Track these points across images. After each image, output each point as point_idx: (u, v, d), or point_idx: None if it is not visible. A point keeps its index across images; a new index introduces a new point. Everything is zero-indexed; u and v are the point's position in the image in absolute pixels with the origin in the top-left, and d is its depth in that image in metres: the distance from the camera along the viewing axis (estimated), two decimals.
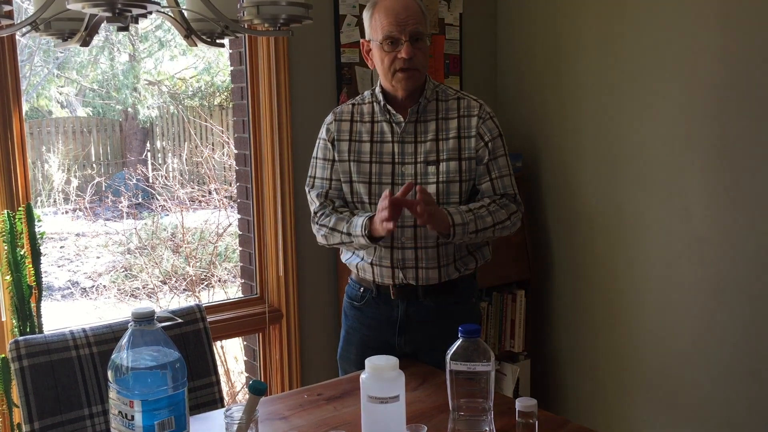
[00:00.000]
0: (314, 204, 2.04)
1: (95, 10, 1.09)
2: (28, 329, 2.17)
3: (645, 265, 2.79)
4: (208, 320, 1.95)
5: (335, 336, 2.44)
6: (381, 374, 1.42)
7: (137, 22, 1.23)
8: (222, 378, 3.43)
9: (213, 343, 1.94)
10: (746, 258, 2.50)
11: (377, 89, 2.01)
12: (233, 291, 4.76)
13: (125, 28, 1.23)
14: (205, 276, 4.72)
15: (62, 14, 1.29)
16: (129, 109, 8.68)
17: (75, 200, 7.15)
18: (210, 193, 5.02)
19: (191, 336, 1.89)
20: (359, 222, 1.89)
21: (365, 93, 2.07)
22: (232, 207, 4.65)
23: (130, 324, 1.29)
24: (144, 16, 1.20)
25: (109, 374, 1.29)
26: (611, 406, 2.99)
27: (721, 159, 2.53)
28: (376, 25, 1.91)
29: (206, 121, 7.28)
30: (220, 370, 2.99)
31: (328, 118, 2.06)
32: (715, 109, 2.52)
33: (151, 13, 1.19)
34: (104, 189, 7.30)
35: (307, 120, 2.72)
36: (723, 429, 2.62)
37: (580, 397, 3.11)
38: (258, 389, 1.27)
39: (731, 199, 2.52)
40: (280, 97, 2.68)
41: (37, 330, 2.20)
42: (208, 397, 1.87)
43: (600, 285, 2.97)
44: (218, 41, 1.43)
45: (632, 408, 2.91)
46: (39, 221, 2.23)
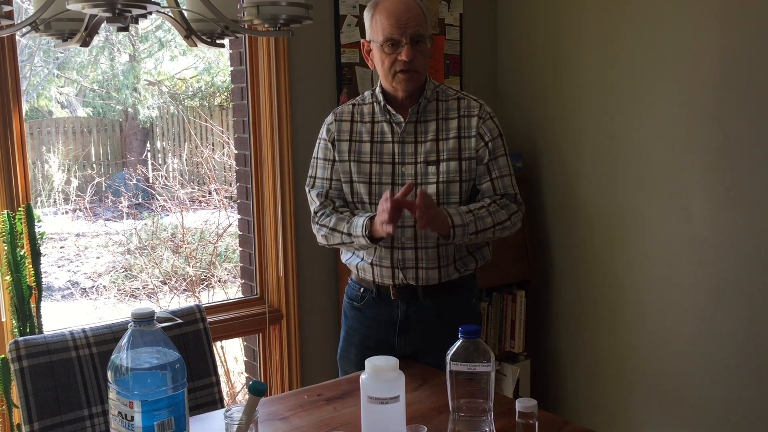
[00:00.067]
0: (314, 204, 2.04)
1: (95, 11, 1.09)
2: (28, 330, 2.17)
3: (645, 265, 2.79)
4: (208, 320, 1.95)
5: (335, 336, 2.44)
6: (381, 375, 1.42)
7: (137, 23, 1.23)
8: (222, 378, 3.43)
9: (213, 344, 1.94)
10: (746, 258, 2.50)
11: (377, 89, 2.01)
12: (233, 291, 4.75)
13: (125, 29, 1.23)
14: (205, 276, 4.72)
15: (62, 14, 1.29)
16: (129, 110, 8.68)
17: (75, 200, 7.15)
18: (210, 194, 5.02)
19: (191, 336, 1.89)
20: (360, 222, 1.89)
21: (365, 93, 2.07)
22: (232, 207, 4.65)
23: (130, 324, 1.29)
24: (144, 17, 1.20)
25: (109, 375, 1.28)
26: (611, 407, 2.99)
27: (721, 159, 2.53)
28: (377, 27, 1.91)
29: (206, 122, 7.28)
30: (220, 371, 2.99)
31: (329, 119, 2.06)
32: (715, 109, 2.52)
33: (151, 14, 1.19)
34: (104, 189, 7.30)
35: (307, 120, 2.72)
36: (723, 429, 2.62)
37: (580, 398, 3.11)
38: (258, 390, 1.27)
39: (731, 199, 2.52)
40: (280, 98, 2.68)
41: (37, 330, 2.20)
42: (208, 398, 1.87)
43: (600, 285, 2.97)
44: (218, 41, 1.43)
45: (632, 408, 2.90)
46: (39, 221, 2.23)
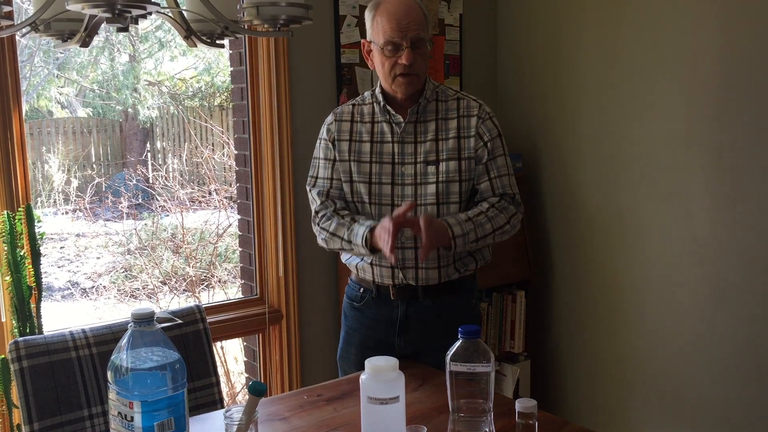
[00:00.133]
0: (315, 203, 2.04)
1: (95, 11, 1.09)
2: (28, 330, 2.17)
3: (645, 266, 2.79)
4: (208, 321, 1.95)
5: (335, 337, 2.44)
6: (381, 375, 1.42)
7: (137, 23, 1.23)
8: (222, 379, 3.44)
9: (213, 344, 1.94)
10: (746, 258, 2.50)
11: (377, 90, 2.01)
12: (233, 292, 4.75)
13: (125, 29, 1.23)
14: (205, 277, 4.72)
15: (62, 15, 1.29)
16: (129, 110, 8.68)
17: (75, 201, 7.15)
18: (210, 194, 5.02)
19: (191, 337, 1.89)
20: (360, 232, 1.89)
21: (365, 93, 2.08)
22: (232, 207, 4.65)
23: (130, 325, 1.29)
24: (144, 17, 1.20)
25: (109, 375, 1.28)
26: (611, 407, 2.99)
27: (721, 159, 2.53)
28: (378, 29, 1.91)
29: (206, 122, 7.28)
30: (220, 371, 2.99)
31: (329, 119, 2.07)
32: (715, 109, 2.52)
33: (151, 14, 1.19)
34: (104, 189, 7.30)
35: (307, 121, 2.72)
36: (723, 429, 2.62)
37: (580, 398, 3.11)
38: (258, 390, 1.27)
39: (731, 199, 2.52)
40: (280, 98, 2.68)
41: (37, 331, 2.20)
42: (208, 398, 1.87)
43: (600, 285, 2.97)
44: (218, 42, 1.43)
45: (632, 409, 2.90)
46: (39, 222, 2.23)
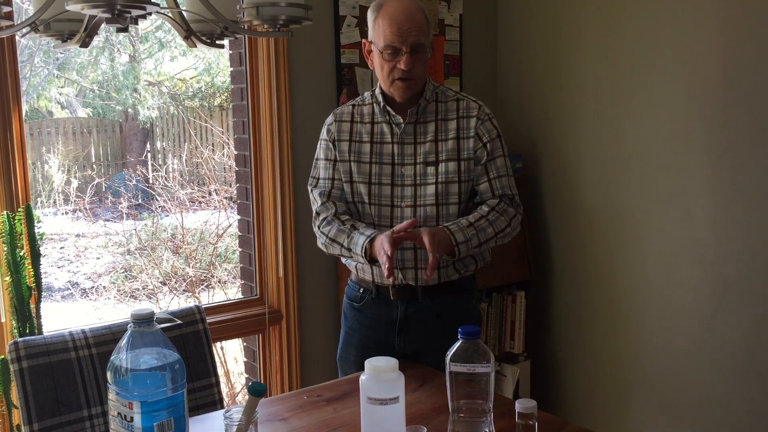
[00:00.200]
0: (316, 203, 2.04)
1: (94, 11, 1.09)
2: (28, 330, 2.17)
3: (645, 266, 2.79)
4: (208, 321, 1.95)
5: (335, 337, 2.44)
6: (380, 375, 1.41)
7: (137, 23, 1.23)
8: (222, 379, 3.43)
9: (213, 345, 1.94)
10: (746, 258, 2.50)
11: (377, 90, 2.01)
12: (233, 292, 4.75)
13: (125, 29, 1.23)
14: (205, 277, 4.72)
15: (62, 15, 1.29)
16: (129, 110, 8.68)
17: (75, 201, 7.15)
18: (210, 194, 5.02)
19: (191, 337, 1.89)
20: (360, 242, 1.89)
21: (365, 94, 2.08)
22: (232, 208, 4.65)
23: (130, 325, 1.29)
24: (143, 17, 1.20)
25: (109, 375, 1.28)
26: (611, 408, 2.99)
27: (722, 159, 2.53)
28: (379, 31, 1.91)
29: (206, 122, 7.29)
30: (220, 372, 2.99)
31: (329, 119, 2.07)
32: (716, 109, 2.52)
33: (151, 14, 1.19)
34: (104, 190, 7.30)
35: (307, 121, 2.72)
36: (723, 430, 2.62)
37: (580, 399, 3.11)
38: (257, 390, 1.27)
39: (731, 199, 2.52)
40: (280, 98, 2.68)
41: (37, 331, 2.20)
42: (208, 399, 1.87)
43: (600, 286, 2.97)
44: (218, 42, 1.43)
45: (632, 409, 2.90)
46: (38, 222, 2.23)
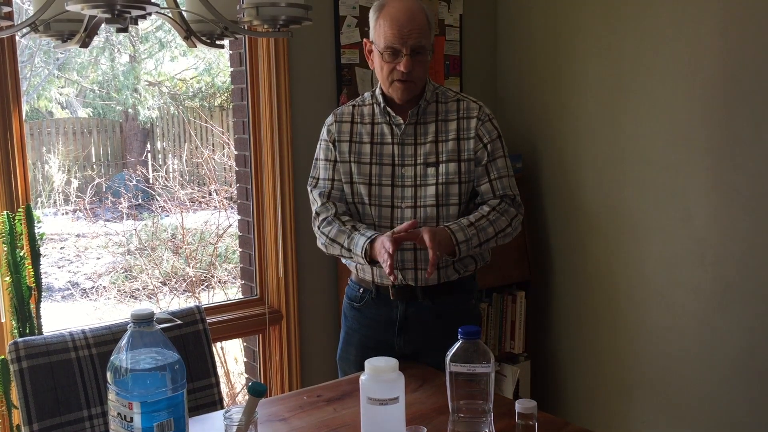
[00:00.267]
0: (316, 204, 2.04)
1: (94, 12, 1.09)
2: (28, 330, 2.17)
3: (645, 266, 2.79)
4: (208, 321, 1.95)
5: (335, 337, 2.44)
6: (380, 376, 1.41)
7: (137, 24, 1.23)
8: (222, 379, 3.44)
9: (213, 345, 1.94)
10: (746, 258, 2.50)
11: (377, 91, 2.01)
12: (233, 292, 4.75)
13: (124, 30, 1.23)
14: (205, 277, 4.72)
15: (61, 15, 1.29)
16: (129, 110, 8.68)
17: (75, 201, 7.15)
18: (210, 194, 5.02)
19: (191, 337, 1.89)
20: (360, 243, 1.89)
21: (365, 94, 2.07)
22: (232, 208, 4.65)
23: (129, 325, 1.29)
24: (143, 18, 1.20)
25: (108, 376, 1.28)
26: (611, 408, 2.99)
27: (722, 159, 2.53)
28: (380, 32, 1.91)
29: (206, 122, 7.28)
30: (220, 372, 2.99)
31: (329, 120, 2.06)
32: (716, 109, 2.52)
33: (151, 15, 1.19)
34: (104, 190, 7.30)
35: (307, 121, 2.72)
36: (723, 430, 2.62)
37: (580, 399, 3.11)
38: (257, 391, 1.27)
39: (731, 199, 2.52)
40: (280, 99, 2.68)
41: (37, 331, 2.20)
42: (208, 399, 1.87)
43: (600, 286, 2.97)
44: (218, 42, 1.43)
45: (632, 410, 2.90)
46: (39, 222, 2.23)
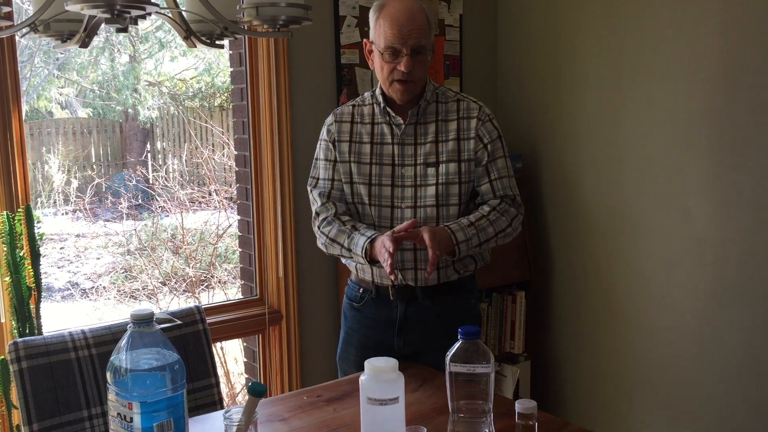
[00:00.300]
0: (316, 204, 2.04)
1: (94, 12, 1.09)
2: (28, 331, 2.17)
3: (645, 266, 2.79)
4: (208, 321, 1.95)
5: (335, 337, 2.44)
6: (380, 376, 1.41)
7: (136, 24, 1.23)
8: (221, 379, 3.43)
9: (212, 345, 1.94)
10: (747, 259, 2.50)
11: (377, 91, 2.01)
12: (233, 292, 4.75)
13: (124, 30, 1.23)
14: (205, 277, 4.72)
15: (61, 15, 1.29)
16: (129, 110, 8.68)
17: (75, 201, 7.15)
18: (210, 195, 5.01)
19: (191, 337, 1.88)
20: (360, 243, 1.89)
21: (365, 94, 2.07)
22: (232, 208, 4.65)
23: (129, 326, 1.29)
24: (143, 18, 1.20)
25: (108, 376, 1.28)
26: (611, 408, 2.99)
27: (722, 159, 2.53)
28: (380, 32, 1.90)
29: (206, 122, 7.28)
30: (220, 372, 2.99)
31: (329, 119, 2.06)
32: (716, 109, 2.52)
33: (151, 15, 1.19)
34: (104, 190, 7.30)
35: (307, 121, 2.72)
36: (723, 430, 2.62)
37: (580, 399, 3.11)
38: (257, 391, 1.27)
39: (731, 199, 2.52)
40: (280, 99, 2.68)
41: (37, 331, 2.20)
42: (208, 399, 1.87)
43: (600, 286, 2.97)
44: (217, 42, 1.43)
45: (632, 410, 2.90)
46: (38, 222, 2.23)
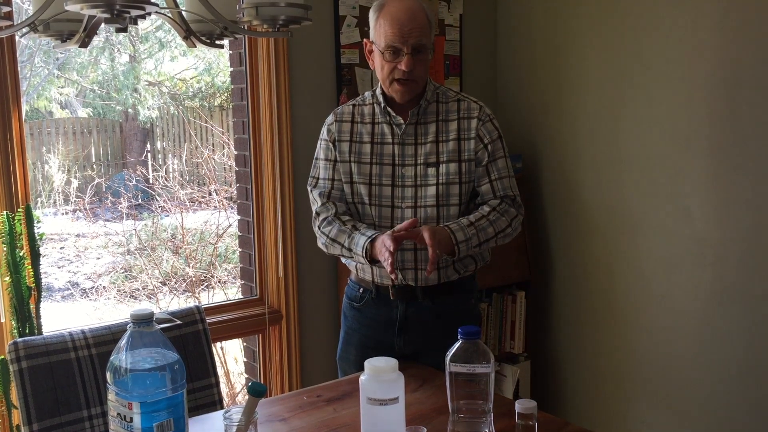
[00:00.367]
0: (316, 204, 2.04)
1: (94, 12, 1.09)
2: (28, 330, 2.17)
3: (645, 266, 2.79)
4: (208, 321, 1.95)
5: (335, 337, 2.44)
6: (380, 376, 1.41)
7: (136, 23, 1.23)
8: (221, 379, 3.43)
9: (212, 345, 1.94)
10: (747, 259, 2.50)
11: (378, 90, 2.01)
12: (233, 292, 4.75)
13: (124, 30, 1.23)
14: (205, 277, 4.72)
15: (61, 15, 1.29)
16: (129, 110, 8.68)
17: (75, 201, 7.15)
18: (210, 194, 5.01)
19: (190, 337, 1.88)
20: (361, 242, 1.89)
21: (366, 94, 2.07)
22: (232, 208, 4.65)
23: (129, 326, 1.29)
24: (143, 18, 1.20)
25: (108, 376, 1.28)
26: (611, 408, 2.99)
27: (722, 159, 2.53)
28: (380, 31, 1.90)
29: (206, 122, 7.28)
30: (220, 372, 2.99)
31: (329, 119, 2.06)
32: (716, 110, 2.52)
33: (150, 15, 1.19)
34: (104, 190, 7.30)
35: (307, 121, 2.72)
36: (723, 430, 2.62)
37: (580, 399, 3.11)
38: (257, 391, 1.27)
39: (731, 199, 2.52)
40: (280, 98, 2.68)
41: (37, 331, 2.20)
42: (208, 399, 1.87)
43: (600, 286, 2.97)
44: (217, 42, 1.43)
45: (632, 409, 2.90)
46: (38, 222, 2.23)
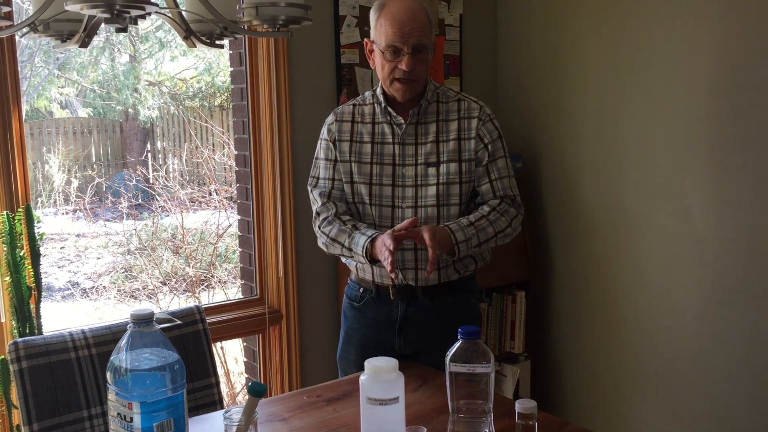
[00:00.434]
0: (317, 204, 2.04)
1: (93, 12, 1.09)
2: (28, 330, 2.17)
3: (645, 266, 2.79)
4: (208, 321, 1.95)
5: (335, 337, 2.44)
6: (380, 376, 1.41)
7: (136, 23, 1.23)
8: (222, 379, 3.43)
9: (213, 345, 1.94)
10: (746, 259, 2.50)
11: (378, 90, 2.01)
12: (233, 292, 4.75)
13: (124, 30, 1.23)
14: (205, 277, 4.72)
15: (61, 15, 1.29)
16: (129, 110, 8.68)
17: (75, 201, 7.15)
18: (210, 194, 5.01)
19: (190, 337, 1.89)
20: (361, 242, 1.89)
21: (366, 93, 2.07)
22: (232, 208, 4.65)
23: (129, 325, 1.29)
24: (143, 18, 1.20)
25: (108, 376, 1.28)
26: (611, 408, 2.99)
27: (722, 159, 2.53)
28: (381, 31, 1.90)
29: (206, 122, 7.29)
30: (220, 372, 2.99)
31: (329, 119, 2.06)
32: (716, 109, 2.52)
33: (150, 15, 1.19)
34: (104, 190, 7.30)
35: (307, 121, 2.72)
36: (723, 430, 2.62)
37: (580, 399, 3.11)
38: (257, 391, 1.27)
39: (731, 199, 2.52)
40: (280, 98, 2.68)
41: (37, 331, 2.20)
42: (208, 399, 1.87)
43: (600, 286, 2.97)
44: (217, 42, 1.43)
45: (632, 409, 2.90)
46: (38, 222, 2.23)
